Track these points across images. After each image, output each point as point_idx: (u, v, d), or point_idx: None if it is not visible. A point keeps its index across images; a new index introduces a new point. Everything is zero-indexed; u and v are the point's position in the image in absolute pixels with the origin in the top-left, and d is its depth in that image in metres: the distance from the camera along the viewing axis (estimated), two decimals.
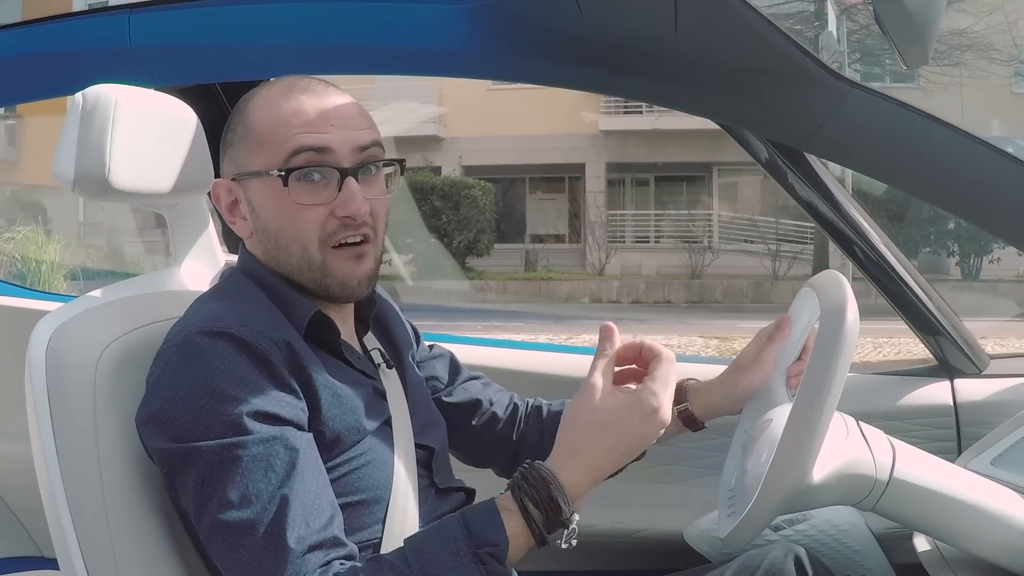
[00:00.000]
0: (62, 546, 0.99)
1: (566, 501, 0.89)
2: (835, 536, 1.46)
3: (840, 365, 0.90)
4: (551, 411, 1.28)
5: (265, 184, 1.00)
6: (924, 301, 1.55)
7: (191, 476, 0.89)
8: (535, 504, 0.89)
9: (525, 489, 0.90)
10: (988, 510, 1.01)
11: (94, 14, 1.41)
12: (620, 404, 0.93)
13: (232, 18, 1.35)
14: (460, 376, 1.30)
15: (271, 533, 0.87)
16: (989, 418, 1.48)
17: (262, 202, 1.02)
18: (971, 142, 1.16)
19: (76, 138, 1.04)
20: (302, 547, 0.88)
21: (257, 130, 1.01)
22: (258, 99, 1.03)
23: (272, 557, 0.87)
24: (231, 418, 0.89)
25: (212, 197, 1.06)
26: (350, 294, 1.03)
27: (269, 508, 0.88)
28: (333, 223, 1.00)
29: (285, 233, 1.01)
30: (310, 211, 0.99)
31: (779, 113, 1.23)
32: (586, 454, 0.92)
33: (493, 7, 1.22)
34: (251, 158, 1.01)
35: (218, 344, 0.92)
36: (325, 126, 0.99)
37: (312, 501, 0.90)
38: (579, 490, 0.91)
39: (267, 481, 0.88)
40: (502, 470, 1.29)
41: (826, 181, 1.49)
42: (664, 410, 0.93)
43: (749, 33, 1.13)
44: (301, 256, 1.01)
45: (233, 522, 0.87)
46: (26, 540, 1.82)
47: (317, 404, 0.96)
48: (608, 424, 0.92)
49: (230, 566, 0.89)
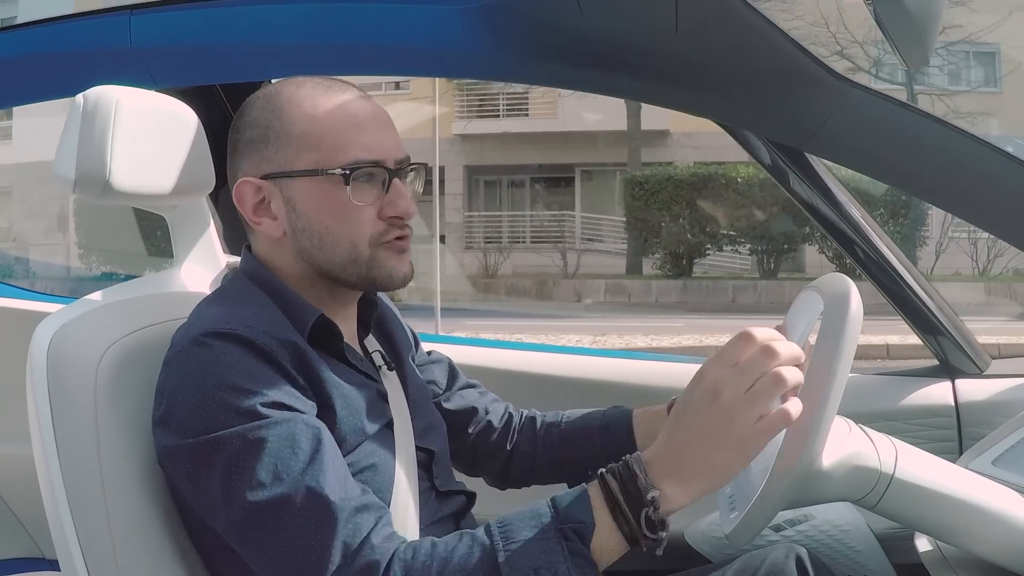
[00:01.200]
0: (63, 547, 0.99)
1: (642, 469, 0.85)
2: (836, 536, 1.46)
3: (846, 347, 0.90)
4: (544, 422, 1.28)
5: (315, 184, 1.00)
6: (925, 301, 1.55)
7: (216, 467, 0.88)
8: (612, 473, 0.86)
9: (612, 469, 0.87)
10: (990, 510, 1.01)
11: (94, 15, 1.41)
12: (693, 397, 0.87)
13: (233, 19, 1.35)
14: (458, 382, 1.30)
15: (312, 502, 0.86)
16: (990, 418, 1.48)
17: (308, 201, 1.01)
18: (971, 142, 1.16)
19: (77, 139, 1.04)
20: (349, 507, 0.86)
21: (304, 130, 1.00)
22: (298, 100, 1.02)
23: (320, 524, 0.85)
24: (248, 408, 0.89)
25: (234, 196, 1.04)
26: (394, 285, 1.05)
27: (303, 480, 0.86)
28: (380, 224, 1.02)
29: (333, 232, 1.01)
30: (364, 211, 1.01)
31: (780, 114, 1.23)
32: (673, 438, 0.87)
33: (493, 7, 1.22)
34: (295, 157, 1.01)
35: (225, 344, 0.92)
36: (374, 129, 1.02)
37: (343, 474, 0.90)
38: (662, 469, 0.85)
39: (295, 459, 0.88)
40: (493, 479, 1.29)
41: (827, 181, 1.49)
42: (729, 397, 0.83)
43: (750, 33, 1.13)
44: (348, 253, 1.02)
45: (268, 500, 0.86)
46: (27, 541, 1.82)
47: (325, 404, 0.96)
48: (684, 409, 0.87)
49: (272, 550, 0.86)
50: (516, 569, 0.83)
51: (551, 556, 0.83)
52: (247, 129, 1.04)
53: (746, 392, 0.84)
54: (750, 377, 0.84)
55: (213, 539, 0.97)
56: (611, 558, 0.86)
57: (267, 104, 1.03)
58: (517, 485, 1.29)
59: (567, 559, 0.83)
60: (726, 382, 0.84)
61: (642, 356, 1.84)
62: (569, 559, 0.83)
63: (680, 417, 0.87)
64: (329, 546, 0.85)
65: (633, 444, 1.21)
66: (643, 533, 0.84)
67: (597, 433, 1.23)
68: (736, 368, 0.85)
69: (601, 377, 1.71)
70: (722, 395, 0.84)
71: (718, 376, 0.85)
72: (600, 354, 1.83)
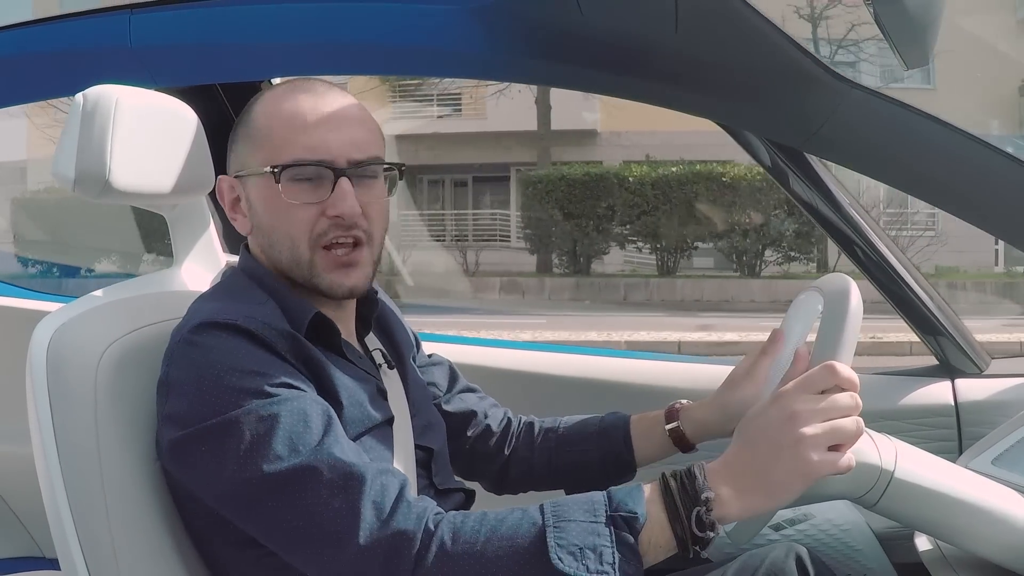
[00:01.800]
0: (63, 546, 0.99)
1: (701, 472, 0.86)
2: (836, 536, 1.46)
3: (847, 341, 0.91)
4: (542, 428, 1.28)
5: (261, 182, 1.02)
6: (925, 301, 1.55)
7: (230, 447, 0.88)
8: (673, 474, 0.87)
9: (673, 472, 0.87)
10: (989, 510, 1.01)
11: (94, 14, 1.41)
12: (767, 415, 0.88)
13: (233, 18, 1.35)
14: (458, 385, 1.31)
15: (333, 468, 0.86)
16: (990, 418, 1.48)
17: (257, 199, 1.04)
18: (971, 142, 1.16)
19: (77, 138, 1.04)
20: (373, 468, 0.87)
21: (258, 128, 1.03)
22: (263, 99, 1.05)
23: (344, 487, 0.85)
24: (256, 388, 0.89)
25: (216, 193, 1.07)
26: (338, 296, 1.04)
27: (320, 451, 0.87)
28: (324, 223, 1.01)
29: (276, 230, 1.02)
30: (300, 209, 1.00)
31: (779, 114, 1.23)
32: (740, 450, 0.88)
33: (493, 7, 1.22)
34: (251, 156, 1.03)
35: (226, 333, 0.93)
36: (322, 126, 1.01)
37: (355, 447, 0.90)
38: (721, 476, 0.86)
39: (309, 432, 0.88)
40: (491, 484, 1.30)
41: (827, 182, 1.49)
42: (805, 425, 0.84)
43: (750, 33, 1.13)
44: (290, 253, 1.02)
45: (287, 471, 0.86)
46: (27, 540, 1.82)
47: (328, 393, 0.96)
48: (755, 424, 0.88)
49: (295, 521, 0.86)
50: (562, 546, 0.83)
51: (598, 540, 0.83)
52: (235, 128, 1.07)
53: (824, 424, 0.85)
54: (831, 412, 0.85)
55: (213, 538, 0.97)
56: (657, 556, 0.86)
57: (248, 105, 1.06)
58: (514, 491, 1.29)
59: (613, 545, 0.83)
60: (806, 411, 0.85)
61: (642, 356, 1.84)
62: (616, 545, 0.83)
63: (749, 432, 0.88)
64: (358, 508, 0.85)
65: (630, 449, 1.21)
66: (692, 531, 0.84)
67: (594, 438, 1.23)
68: (818, 399, 0.86)
69: (601, 377, 1.71)
70: (798, 421, 0.85)
71: (799, 401, 0.86)
72: (600, 354, 1.83)
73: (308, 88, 1.04)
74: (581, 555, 0.82)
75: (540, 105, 14.71)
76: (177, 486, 0.98)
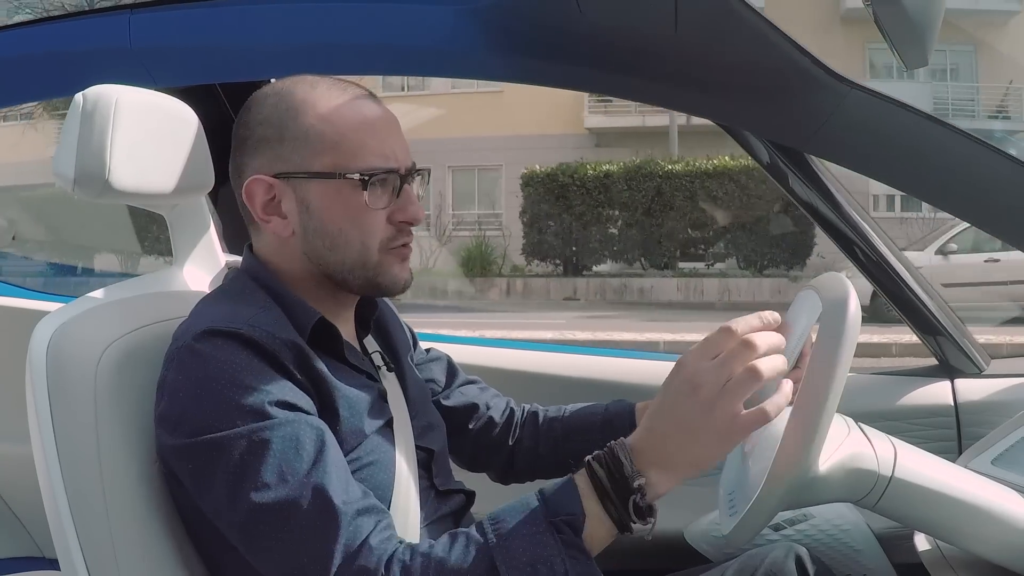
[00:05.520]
0: (63, 546, 0.99)
1: (627, 457, 0.85)
2: (836, 536, 1.46)
3: (845, 348, 0.90)
4: (547, 417, 1.28)
5: (330, 186, 1.01)
6: (924, 301, 1.55)
7: (219, 468, 0.88)
8: (598, 461, 0.87)
9: (597, 457, 0.88)
10: (989, 510, 1.01)
11: (94, 14, 1.41)
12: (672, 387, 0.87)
13: (232, 18, 1.35)
14: (457, 379, 1.31)
15: (316, 504, 0.86)
16: (990, 418, 1.48)
17: (322, 202, 1.02)
18: (971, 143, 1.16)
19: (76, 138, 1.03)
20: (351, 510, 0.87)
21: (321, 132, 1.01)
22: (313, 101, 1.02)
23: (323, 526, 0.86)
24: (253, 406, 0.89)
25: (244, 193, 1.03)
26: (396, 291, 1.07)
27: (308, 483, 0.87)
28: (390, 228, 1.03)
29: (346, 234, 1.02)
30: (377, 214, 1.02)
31: (779, 114, 1.23)
32: (654, 427, 0.87)
33: (493, 7, 1.22)
34: (311, 159, 1.01)
35: (229, 343, 0.92)
36: (388, 133, 1.03)
37: (345, 476, 0.90)
38: (645, 456, 0.86)
39: (300, 460, 0.88)
40: (497, 475, 1.30)
41: (826, 182, 1.49)
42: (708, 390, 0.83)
43: (749, 33, 1.13)
44: (359, 256, 1.02)
45: (274, 502, 0.86)
46: (27, 540, 1.82)
47: (327, 405, 0.96)
48: (664, 399, 0.87)
49: (276, 550, 0.87)
50: (513, 566, 0.83)
51: (546, 550, 0.84)
52: (257, 126, 1.03)
53: (724, 386, 0.84)
54: (728, 370, 0.84)
55: (213, 539, 0.97)
56: (603, 544, 0.87)
57: (280, 103, 1.03)
58: (520, 480, 1.29)
59: (562, 551, 0.84)
60: (705, 374, 0.84)
61: (642, 355, 1.84)
62: (564, 551, 0.84)
63: (660, 407, 0.87)
64: (332, 547, 0.85)
65: None
66: (632, 520, 0.85)
67: (599, 427, 1.23)
68: (715, 361, 0.85)
69: (601, 376, 1.71)
70: (701, 388, 0.84)
71: (697, 368, 0.85)
72: (600, 353, 1.83)
73: (362, 94, 1.04)
74: (533, 571, 0.83)
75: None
76: (177, 486, 0.98)
